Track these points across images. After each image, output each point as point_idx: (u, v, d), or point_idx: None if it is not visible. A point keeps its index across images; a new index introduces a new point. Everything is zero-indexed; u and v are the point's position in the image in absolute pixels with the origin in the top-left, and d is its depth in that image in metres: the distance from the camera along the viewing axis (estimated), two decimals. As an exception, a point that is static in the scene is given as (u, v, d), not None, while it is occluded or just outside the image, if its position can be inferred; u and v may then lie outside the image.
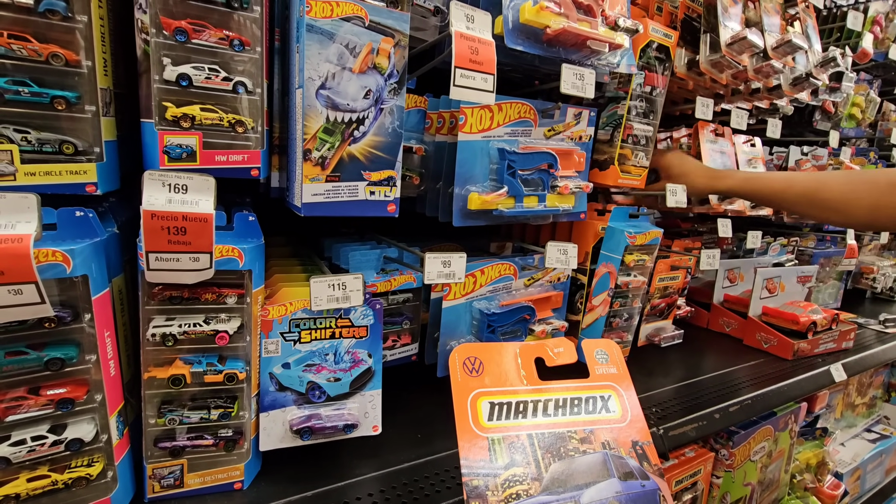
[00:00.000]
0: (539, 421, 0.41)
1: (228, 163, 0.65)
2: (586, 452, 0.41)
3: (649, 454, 0.42)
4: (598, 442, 0.42)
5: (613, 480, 0.41)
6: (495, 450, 0.39)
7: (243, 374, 0.67)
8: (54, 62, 0.57)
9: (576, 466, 0.40)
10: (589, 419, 0.42)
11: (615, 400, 0.44)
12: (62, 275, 0.54)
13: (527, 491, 0.38)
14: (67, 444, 0.58)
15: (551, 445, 0.40)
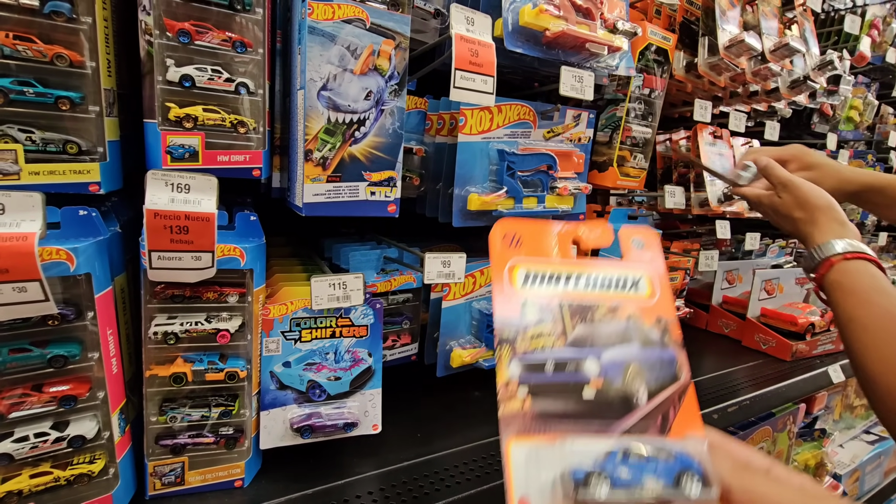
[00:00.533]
0: (570, 291, 0.44)
1: (230, 163, 0.66)
2: (611, 321, 0.44)
3: (671, 329, 0.45)
4: (623, 314, 0.44)
5: (634, 345, 0.43)
6: (527, 310, 0.42)
7: (244, 373, 0.68)
8: (59, 63, 0.58)
9: (600, 330, 0.43)
10: (618, 295, 0.45)
11: (646, 281, 0.46)
12: (66, 273, 0.55)
13: (552, 344, 0.42)
14: (70, 441, 0.58)
15: (579, 312, 0.43)
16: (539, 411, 0.40)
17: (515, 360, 0.41)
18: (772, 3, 1.31)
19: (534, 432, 0.40)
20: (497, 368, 0.41)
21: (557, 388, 0.41)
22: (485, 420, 0.93)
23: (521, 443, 0.39)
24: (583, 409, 0.41)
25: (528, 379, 0.41)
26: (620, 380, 0.42)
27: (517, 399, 0.40)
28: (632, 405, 0.42)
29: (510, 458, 0.38)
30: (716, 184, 1.38)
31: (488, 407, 0.99)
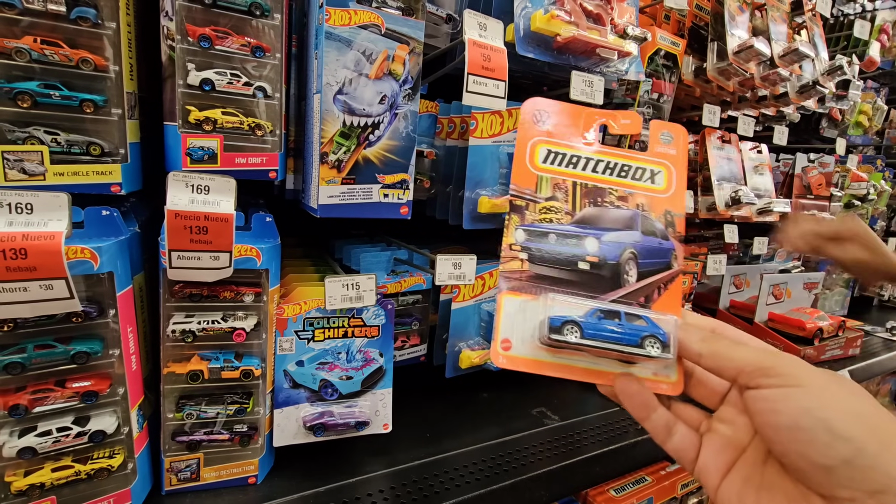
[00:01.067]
0: (587, 174, 0.46)
1: (248, 165, 0.67)
2: (620, 207, 0.46)
3: (677, 223, 0.47)
4: (633, 202, 0.47)
5: (636, 233, 0.46)
6: (542, 185, 0.45)
7: (259, 371, 0.69)
8: (84, 67, 0.59)
9: (606, 214, 0.46)
10: (633, 184, 0.47)
11: (664, 175, 0.47)
12: (90, 271, 0.56)
13: (559, 219, 0.45)
14: (91, 436, 0.59)
15: (591, 194, 0.46)
16: (535, 274, 0.45)
17: (522, 228, 0.45)
18: (781, 9, 1.31)
19: (526, 291, 0.44)
20: (504, 232, 0.45)
21: (555, 257, 0.45)
22: (493, 421, 0.94)
23: (513, 297, 0.44)
24: (575, 278, 0.45)
25: (531, 245, 0.45)
26: (615, 259, 0.46)
27: (517, 261, 0.45)
28: (620, 282, 0.46)
29: (502, 306, 0.44)
30: (723, 187, 1.38)
31: (497, 408, 1.00)
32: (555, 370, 0.43)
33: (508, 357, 0.43)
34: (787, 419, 0.34)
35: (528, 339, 0.43)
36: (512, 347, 0.43)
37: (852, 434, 0.31)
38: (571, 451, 0.87)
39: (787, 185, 1.69)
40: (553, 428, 0.94)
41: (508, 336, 0.43)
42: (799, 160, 1.69)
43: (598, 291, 0.45)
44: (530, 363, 0.43)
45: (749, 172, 1.50)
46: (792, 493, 0.35)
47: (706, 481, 0.41)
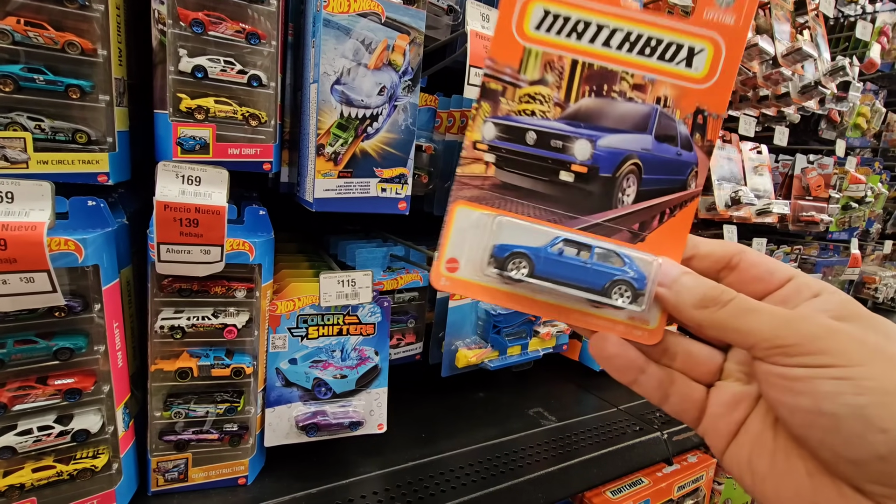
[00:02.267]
0: (595, 49, 0.33)
1: (241, 156, 0.65)
2: (632, 100, 0.34)
3: (710, 128, 0.35)
4: (653, 94, 0.34)
5: (646, 136, 0.35)
6: (528, 63, 0.33)
7: (250, 369, 0.67)
8: (70, 50, 0.57)
9: (611, 109, 0.34)
10: (657, 66, 0.34)
11: (707, 56, 0.34)
12: (74, 264, 0.54)
13: (544, 112, 0.34)
14: (73, 435, 0.57)
15: (595, 78, 0.34)
16: (502, 183, 0.35)
17: (492, 121, 0.34)
18: (784, 8, 1.30)
19: (487, 203, 0.35)
20: (468, 124, 0.34)
21: (531, 163, 0.35)
22: (490, 421, 0.92)
23: (468, 209, 0.35)
24: (553, 192, 0.35)
25: (501, 145, 0.35)
26: (610, 172, 0.35)
27: (480, 164, 0.35)
28: (611, 203, 0.35)
29: (453, 219, 0.35)
30: (723, 187, 1.37)
31: (493, 408, 0.98)
32: (507, 300, 0.35)
33: (452, 280, 0.35)
34: (808, 402, 0.28)
35: (480, 261, 0.35)
36: (459, 269, 0.35)
37: (890, 424, 0.25)
38: (568, 452, 0.86)
39: (787, 187, 1.69)
40: (550, 429, 0.92)
41: (456, 255, 0.35)
42: (798, 161, 1.68)
43: (581, 211, 0.35)
44: (478, 289, 0.35)
45: (749, 173, 1.49)
46: (812, 464, 0.30)
47: (712, 443, 0.35)
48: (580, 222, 0.35)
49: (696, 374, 0.36)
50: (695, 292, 0.33)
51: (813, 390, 0.27)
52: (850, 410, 0.26)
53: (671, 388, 0.35)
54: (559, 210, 0.35)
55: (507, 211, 0.35)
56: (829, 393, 0.27)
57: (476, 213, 0.35)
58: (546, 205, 0.35)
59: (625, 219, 0.36)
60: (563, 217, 0.35)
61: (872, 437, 0.26)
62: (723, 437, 0.34)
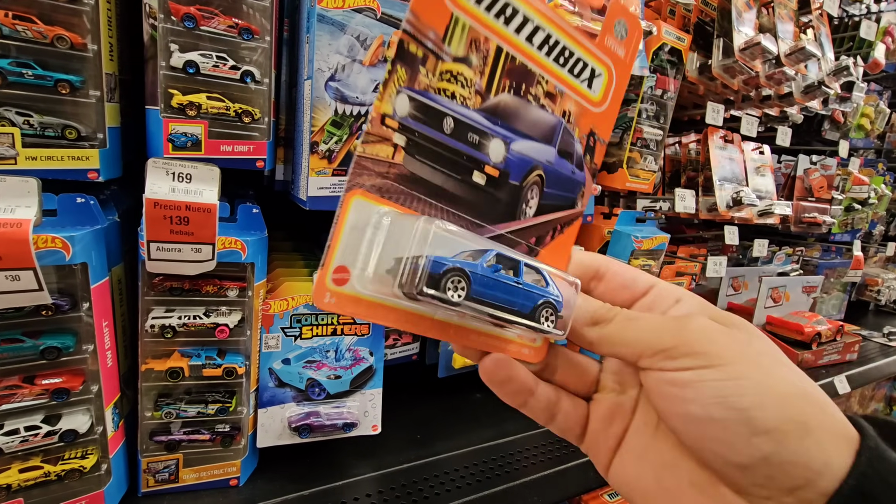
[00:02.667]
0: (519, 41, 0.31)
1: (234, 153, 0.64)
2: (544, 108, 0.34)
3: (597, 152, 0.36)
4: (561, 107, 0.34)
5: (551, 149, 0.34)
6: (454, 34, 0.29)
7: (242, 369, 0.66)
8: (59, 45, 0.56)
9: (526, 113, 0.33)
10: (568, 79, 0.34)
11: (603, 81, 0.35)
12: (61, 262, 0.53)
13: (465, 98, 0.31)
14: (61, 436, 0.56)
15: (516, 74, 0.32)
16: (410, 174, 0.29)
17: (408, 93, 0.29)
18: (788, 7, 1.28)
19: (391, 199, 0.29)
20: (379, 91, 0.28)
21: (445, 156, 0.30)
22: (486, 423, 0.91)
23: (366, 202, 0.28)
24: (462, 193, 0.31)
25: (414, 126, 0.29)
26: (518, 180, 0.33)
27: (387, 145, 0.29)
28: (516, 213, 0.33)
29: (346, 214, 0.28)
30: (725, 188, 1.36)
31: (490, 410, 0.97)
32: (402, 321, 0.30)
33: (340, 295, 0.28)
34: (698, 410, 0.28)
35: (376, 272, 0.28)
36: (348, 281, 0.28)
37: (773, 424, 0.26)
38: (566, 455, 0.85)
39: (789, 187, 1.67)
40: (547, 431, 0.91)
41: (347, 262, 0.28)
42: (801, 162, 1.67)
43: (488, 218, 0.32)
44: (370, 308, 0.29)
45: (751, 173, 1.48)
46: (697, 475, 0.30)
47: (595, 459, 0.35)
48: (486, 231, 0.32)
49: (575, 386, 0.36)
50: (586, 311, 0.33)
51: (701, 396, 0.28)
52: (736, 415, 0.27)
53: (557, 406, 0.35)
54: (467, 215, 0.31)
55: (409, 209, 0.30)
56: (716, 397, 0.27)
57: (378, 209, 0.28)
58: (454, 207, 0.31)
59: (525, 231, 0.34)
60: (470, 224, 0.31)
61: (757, 439, 0.26)
62: (604, 453, 0.35)
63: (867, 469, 0.26)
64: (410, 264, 0.27)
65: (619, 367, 0.36)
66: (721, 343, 0.29)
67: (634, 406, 0.35)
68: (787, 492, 0.26)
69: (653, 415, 0.34)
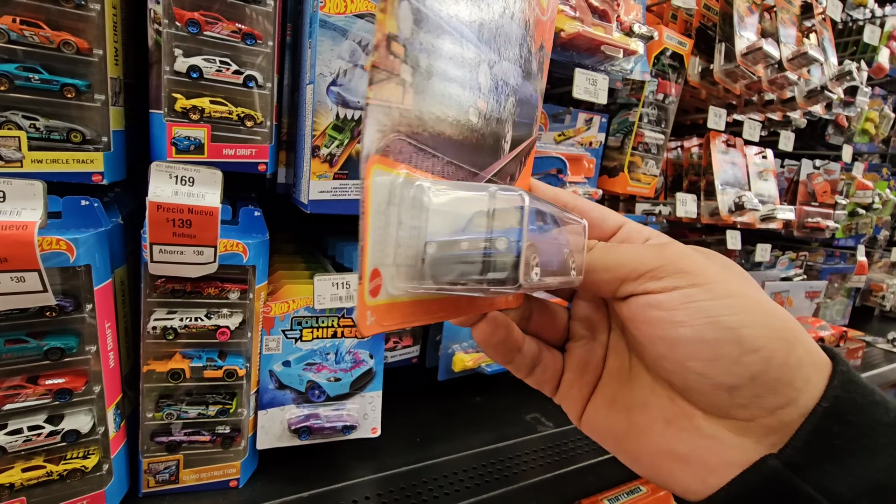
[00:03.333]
0: None
1: (236, 157, 0.65)
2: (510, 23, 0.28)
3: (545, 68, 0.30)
4: (521, 20, 0.29)
5: (518, 69, 0.30)
6: None
7: (243, 371, 0.66)
8: (66, 50, 0.57)
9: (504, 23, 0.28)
10: None
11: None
12: (65, 264, 0.54)
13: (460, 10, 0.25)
14: (64, 435, 0.57)
15: None
16: (417, 116, 0.24)
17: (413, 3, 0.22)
18: (791, 11, 1.28)
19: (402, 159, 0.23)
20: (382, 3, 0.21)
21: (448, 89, 0.25)
22: (486, 427, 0.92)
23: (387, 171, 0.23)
24: (464, 135, 0.26)
25: (420, 51, 0.23)
26: (500, 110, 0.29)
27: (396, 81, 0.22)
28: (500, 149, 0.30)
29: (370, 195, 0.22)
30: (727, 192, 1.36)
31: (490, 413, 0.97)
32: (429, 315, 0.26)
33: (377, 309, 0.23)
34: (688, 331, 0.27)
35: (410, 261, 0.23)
36: (382, 287, 0.23)
37: (762, 343, 0.26)
38: (565, 459, 0.85)
39: (792, 192, 1.67)
40: (547, 435, 0.91)
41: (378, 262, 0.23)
42: (804, 166, 1.66)
43: (478, 163, 0.28)
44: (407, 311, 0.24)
45: (753, 178, 1.48)
46: (669, 410, 0.30)
47: (569, 409, 0.35)
48: (479, 178, 0.28)
49: (549, 333, 0.36)
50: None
51: (692, 317, 0.27)
52: (727, 334, 0.26)
53: (538, 359, 0.34)
54: (464, 164, 0.27)
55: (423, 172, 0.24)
56: (707, 317, 0.26)
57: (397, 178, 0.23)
58: (459, 155, 0.26)
59: (505, 169, 0.30)
60: (467, 173, 0.27)
61: (747, 358, 0.26)
62: (578, 402, 0.35)
63: (839, 392, 0.26)
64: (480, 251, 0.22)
65: (587, 312, 0.36)
66: (702, 263, 0.28)
67: (605, 352, 0.35)
68: (770, 411, 0.26)
69: (625, 358, 0.34)
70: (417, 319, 0.26)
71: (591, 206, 0.35)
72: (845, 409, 0.26)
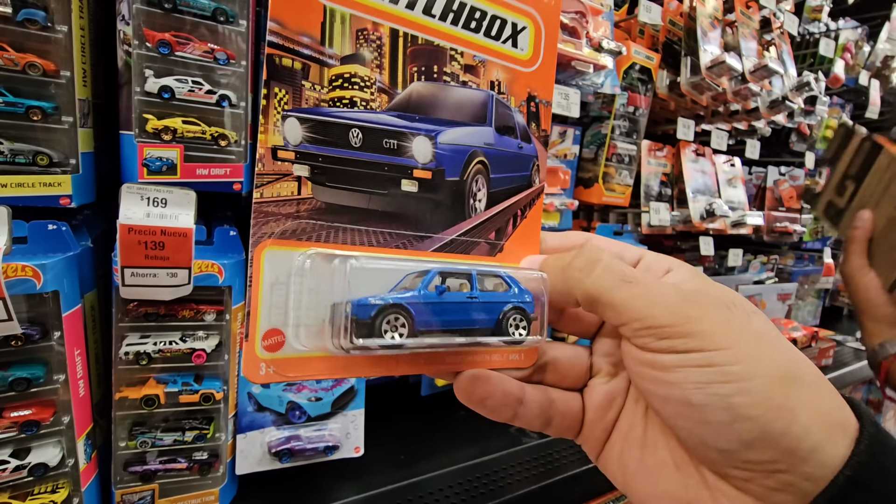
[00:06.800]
0: (415, 17, 0.27)
1: (210, 176, 0.64)
2: (467, 85, 0.30)
3: (543, 116, 0.32)
4: (486, 78, 0.30)
5: (487, 129, 0.31)
6: (333, 31, 0.25)
7: (220, 394, 0.65)
8: (31, 72, 0.56)
9: (447, 96, 0.29)
10: (486, 44, 0.30)
11: (530, 35, 0.31)
12: (32, 290, 0.52)
13: (367, 101, 0.26)
14: (31, 470, 0.55)
15: (422, 57, 0.28)
16: (325, 205, 0.26)
17: (296, 115, 0.25)
18: (751, 26, 1.34)
19: (310, 238, 0.26)
20: (261, 125, 0.25)
21: (361, 174, 0.26)
22: (471, 441, 0.91)
23: (281, 251, 0.25)
24: (394, 208, 0.27)
25: (314, 150, 0.25)
26: (458, 175, 0.29)
27: (289, 181, 0.25)
28: (464, 213, 0.30)
29: (261, 269, 0.24)
30: (698, 200, 1.39)
31: (474, 427, 0.97)
32: (364, 368, 0.27)
33: (279, 362, 0.25)
34: (677, 393, 0.26)
35: (318, 324, 0.25)
36: (285, 343, 0.25)
37: (756, 412, 0.25)
38: (550, 470, 0.85)
39: (760, 198, 1.72)
40: (532, 447, 0.91)
41: (277, 324, 0.24)
42: (770, 173, 1.72)
43: (431, 227, 0.28)
44: (323, 364, 0.26)
45: (723, 185, 1.52)
46: (678, 454, 0.29)
47: (588, 448, 0.34)
48: (434, 241, 0.29)
49: (569, 380, 0.34)
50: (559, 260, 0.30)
51: (682, 380, 0.26)
52: (717, 400, 0.25)
53: (551, 409, 0.32)
54: (407, 230, 0.28)
55: (340, 244, 0.26)
56: (697, 383, 0.26)
57: (297, 254, 0.25)
58: (390, 226, 0.27)
59: (480, 229, 0.30)
60: (412, 239, 0.28)
61: (739, 425, 0.25)
62: (598, 442, 0.33)
63: (864, 458, 0.25)
64: (334, 316, 0.24)
65: (611, 347, 0.34)
66: (714, 323, 0.26)
67: (627, 387, 0.33)
68: (767, 475, 0.26)
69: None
70: (345, 371, 0.27)
71: (609, 243, 0.33)
72: (871, 478, 0.24)
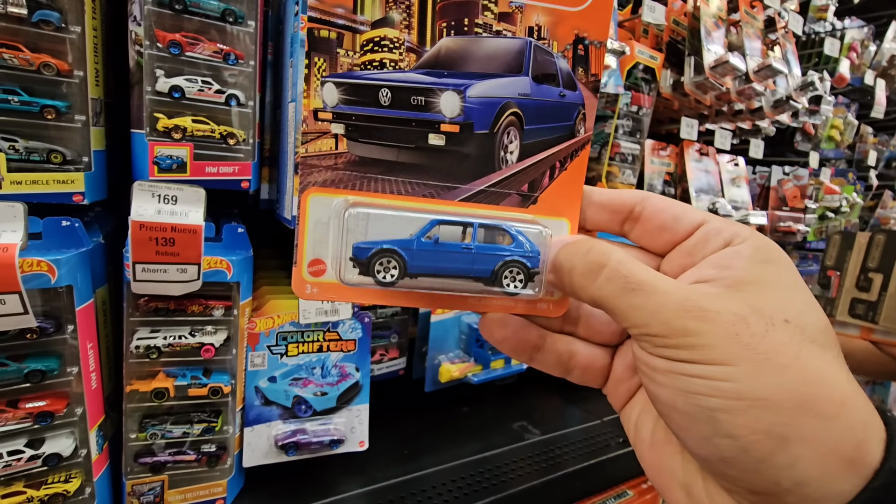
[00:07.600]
0: None
1: (219, 174, 0.65)
2: (501, 34, 0.29)
3: (593, 60, 0.30)
4: (524, 24, 0.29)
5: (523, 79, 0.30)
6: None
7: (228, 388, 0.66)
8: (46, 72, 0.57)
9: (477, 49, 0.29)
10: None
11: None
12: (46, 285, 0.53)
13: (396, 62, 0.28)
14: (45, 459, 0.56)
15: (451, 11, 0.28)
16: (359, 158, 0.29)
17: (332, 80, 0.28)
18: (755, 25, 1.34)
19: (346, 187, 0.29)
20: (304, 90, 0.28)
21: (390, 130, 0.29)
22: (473, 436, 0.92)
23: (324, 196, 0.29)
24: (422, 161, 0.29)
25: (349, 110, 0.28)
26: (487, 127, 0.29)
27: (328, 138, 0.29)
28: (494, 164, 0.30)
29: (307, 213, 0.29)
30: (701, 199, 1.40)
31: (477, 423, 0.98)
32: (388, 298, 0.30)
33: (320, 285, 0.29)
34: (664, 394, 0.26)
35: (342, 260, 0.29)
36: (326, 271, 0.29)
37: (740, 432, 0.24)
38: (552, 466, 0.86)
39: (764, 198, 1.72)
40: (534, 442, 0.92)
41: (320, 255, 0.29)
42: (774, 173, 1.72)
43: (460, 178, 0.30)
44: (355, 291, 0.29)
45: (726, 185, 1.52)
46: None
47: (613, 402, 0.34)
48: (461, 192, 0.30)
49: (603, 337, 0.33)
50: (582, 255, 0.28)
51: (669, 384, 0.26)
52: (700, 412, 0.25)
53: (572, 362, 0.33)
54: (434, 181, 0.29)
55: (371, 192, 0.29)
56: (684, 391, 0.25)
57: (336, 200, 0.29)
58: (417, 177, 0.29)
59: (511, 180, 0.30)
60: (440, 189, 0.29)
61: (718, 441, 0.24)
62: (621, 399, 0.34)
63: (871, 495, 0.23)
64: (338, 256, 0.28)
65: None
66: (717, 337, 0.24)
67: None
68: (750, 492, 0.25)
69: None
70: (372, 298, 0.30)
71: (665, 205, 0.31)
72: None
